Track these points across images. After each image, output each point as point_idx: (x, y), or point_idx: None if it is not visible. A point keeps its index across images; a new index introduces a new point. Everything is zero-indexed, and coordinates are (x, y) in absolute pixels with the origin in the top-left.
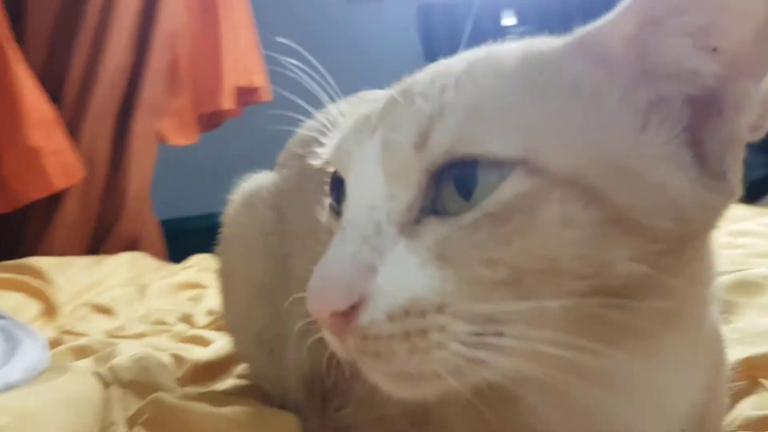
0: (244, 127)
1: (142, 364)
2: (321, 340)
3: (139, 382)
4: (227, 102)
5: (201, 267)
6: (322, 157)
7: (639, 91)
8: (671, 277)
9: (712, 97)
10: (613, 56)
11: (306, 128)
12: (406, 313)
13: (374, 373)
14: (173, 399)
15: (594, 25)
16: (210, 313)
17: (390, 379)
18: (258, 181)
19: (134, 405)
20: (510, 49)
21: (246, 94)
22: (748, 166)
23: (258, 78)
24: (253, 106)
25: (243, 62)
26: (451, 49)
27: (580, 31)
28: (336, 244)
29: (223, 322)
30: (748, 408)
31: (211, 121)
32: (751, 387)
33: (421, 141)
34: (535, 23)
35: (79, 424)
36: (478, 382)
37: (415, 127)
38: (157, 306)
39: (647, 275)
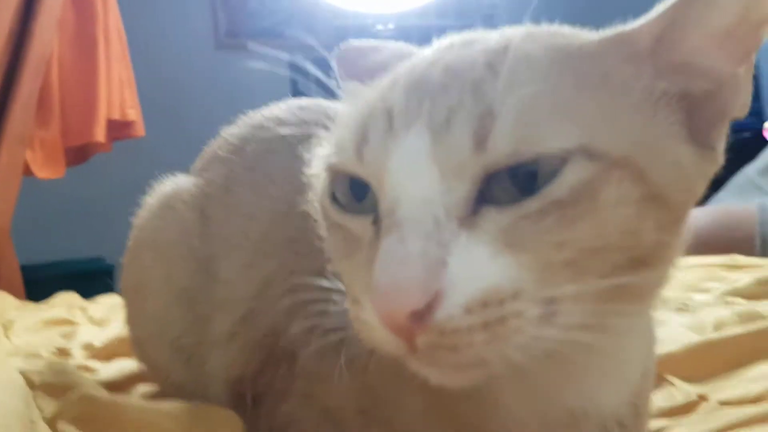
0: (113, 165)
1: (56, 368)
2: (252, 341)
3: (54, 384)
4: (99, 134)
5: (69, 305)
6: (329, 159)
7: (658, 83)
8: (676, 245)
9: (714, 84)
10: (643, 54)
11: (227, 133)
12: (485, 304)
13: (437, 366)
14: (104, 394)
15: (630, 25)
16: (87, 347)
17: (450, 371)
18: (176, 183)
19: (51, 407)
20: (533, 41)
21: (119, 128)
22: None
23: (132, 112)
24: (124, 143)
25: (118, 94)
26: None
27: (616, 30)
28: (395, 242)
29: (112, 349)
30: (659, 401)
31: (78, 155)
32: (658, 382)
33: (479, 142)
34: None
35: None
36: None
37: (467, 126)
38: (27, 340)
39: (665, 243)
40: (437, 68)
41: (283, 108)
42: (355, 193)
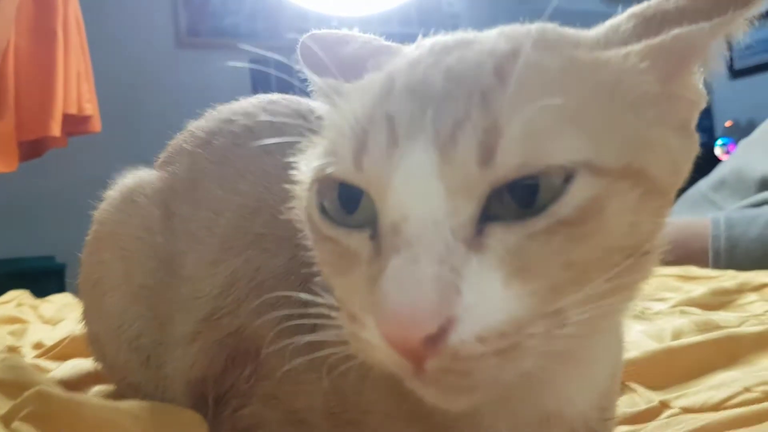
0: (67, 162)
1: (10, 365)
2: (215, 341)
3: (8, 382)
4: (55, 129)
5: (19, 302)
6: (320, 167)
7: (656, 87)
8: (663, 226)
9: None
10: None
11: (194, 127)
12: (502, 334)
13: (441, 388)
14: (60, 391)
15: (645, 43)
16: (37, 346)
17: (454, 394)
18: (139, 176)
19: (5, 405)
20: (544, 47)
21: (75, 123)
22: None
23: (89, 106)
24: (79, 140)
25: (75, 88)
26: None
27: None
28: (407, 264)
29: (64, 348)
30: (622, 407)
31: (32, 149)
32: (621, 389)
33: (486, 156)
34: None
35: None
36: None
37: (473, 140)
38: None
39: (659, 226)
40: (438, 71)
41: (253, 102)
42: (344, 203)
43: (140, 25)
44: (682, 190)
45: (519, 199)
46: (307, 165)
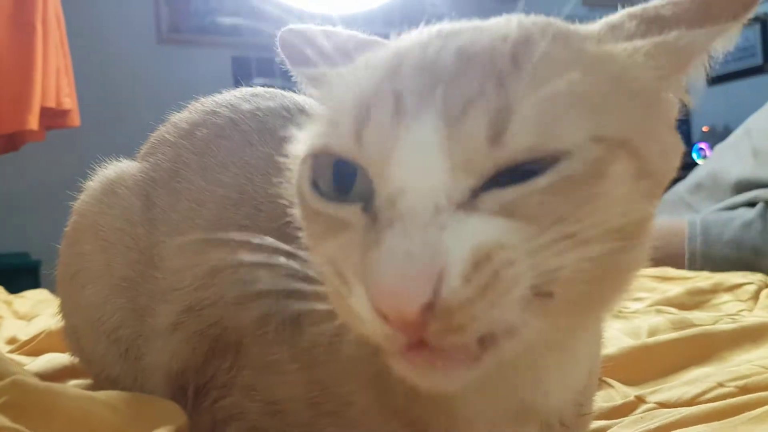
0: (45, 157)
1: None
2: (196, 332)
3: None
4: (33, 122)
5: None
6: (314, 141)
7: (661, 85)
8: (652, 221)
9: None
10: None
11: (178, 118)
12: (477, 264)
13: (430, 367)
14: (37, 381)
15: (651, 40)
16: (11, 341)
17: (443, 371)
18: (120, 167)
19: None
20: (555, 38)
21: (53, 117)
22: None
23: (68, 100)
24: (57, 134)
25: (53, 82)
26: None
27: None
28: (399, 238)
29: (39, 343)
30: (599, 401)
31: (9, 143)
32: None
33: (495, 136)
34: None
35: None
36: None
37: (485, 118)
38: None
39: (649, 215)
40: (449, 52)
41: (237, 94)
42: (338, 180)
43: (122, 21)
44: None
45: (520, 176)
46: (303, 140)
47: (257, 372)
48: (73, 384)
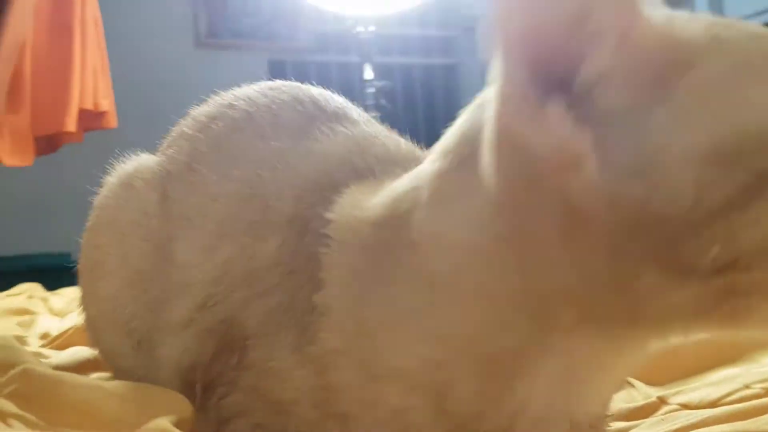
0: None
1: None
2: (206, 329)
3: None
4: (70, 124)
5: (30, 295)
6: None
7: None
8: None
9: None
10: None
11: (197, 112)
12: None
13: None
14: (46, 369)
15: None
16: (44, 336)
17: None
18: (139, 161)
19: None
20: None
21: (91, 118)
22: None
23: (106, 102)
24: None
25: (91, 84)
26: None
27: None
28: None
29: (68, 338)
30: (619, 402)
31: (48, 144)
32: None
33: None
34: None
35: None
36: None
37: None
38: None
39: None
40: None
41: (255, 88)
42: None
43: (160, 25)
44: None
45: None
46: None
47: (259, 374)
48: (95, 377)
